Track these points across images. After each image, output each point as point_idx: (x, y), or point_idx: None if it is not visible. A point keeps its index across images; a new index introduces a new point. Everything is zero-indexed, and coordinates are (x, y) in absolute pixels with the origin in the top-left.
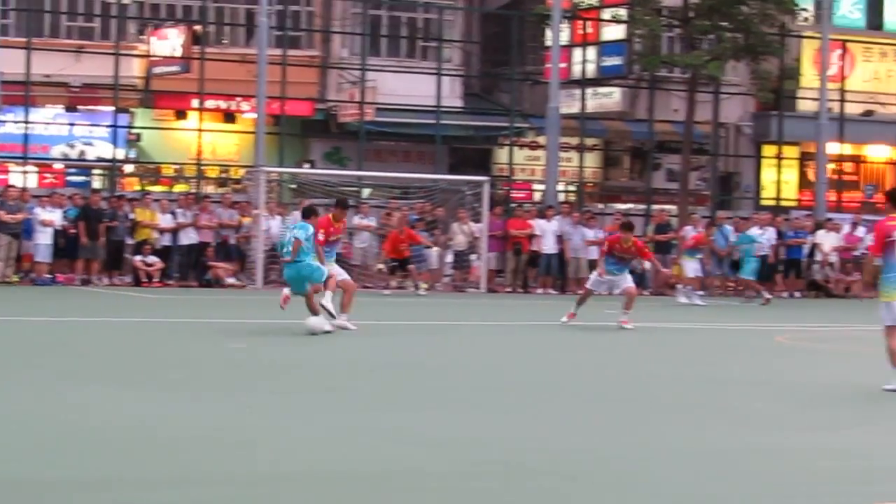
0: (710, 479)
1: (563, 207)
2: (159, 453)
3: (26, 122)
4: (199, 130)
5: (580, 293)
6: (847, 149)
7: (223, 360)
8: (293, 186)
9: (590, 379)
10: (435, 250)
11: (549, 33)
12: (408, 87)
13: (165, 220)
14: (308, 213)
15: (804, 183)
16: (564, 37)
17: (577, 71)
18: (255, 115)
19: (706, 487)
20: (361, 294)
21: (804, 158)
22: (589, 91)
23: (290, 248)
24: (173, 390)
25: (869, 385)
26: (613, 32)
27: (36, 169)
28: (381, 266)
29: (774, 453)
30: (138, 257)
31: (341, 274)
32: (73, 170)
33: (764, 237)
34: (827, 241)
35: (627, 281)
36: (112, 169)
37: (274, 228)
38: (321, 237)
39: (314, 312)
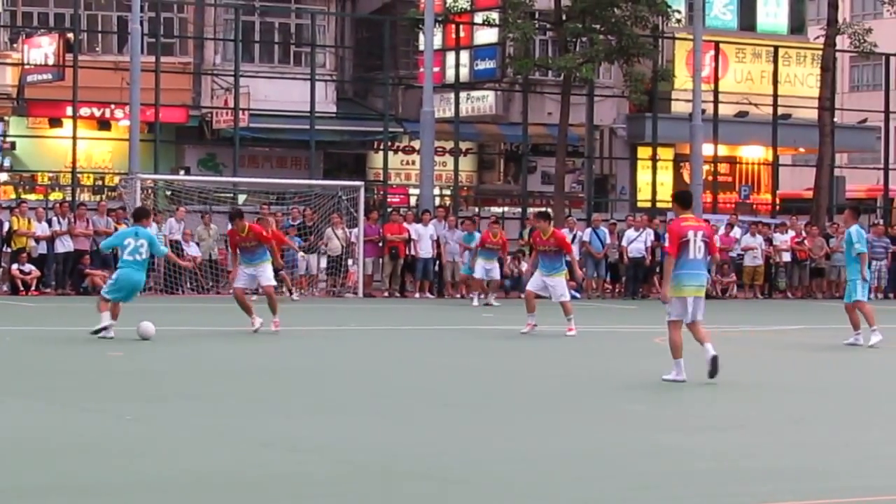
0: (591, 480)
1: (438, 211)
2: (36, 462)
3: None
4: (74, 138)
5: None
6: (721, 150)
7: (101, 368)
8: (168, 193)
9: (465, 383)
10: (301, 255)
11: (421, 37)
12: (281, 93)
13: (41, 229)
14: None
15: (679, 184)
16: (437, 41)
17: (450, 75)
18: (129, 123)
19: (587, 488)
20: (228, 301)
21: (679, 160)
22: (463, 95)
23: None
24: (50, 398)
25: (745, 385)
26: (486, 36)
27: None
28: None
29: (652, 454)
30: (15, 266)
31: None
32: None
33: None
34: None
35: (563, 290)
36: None
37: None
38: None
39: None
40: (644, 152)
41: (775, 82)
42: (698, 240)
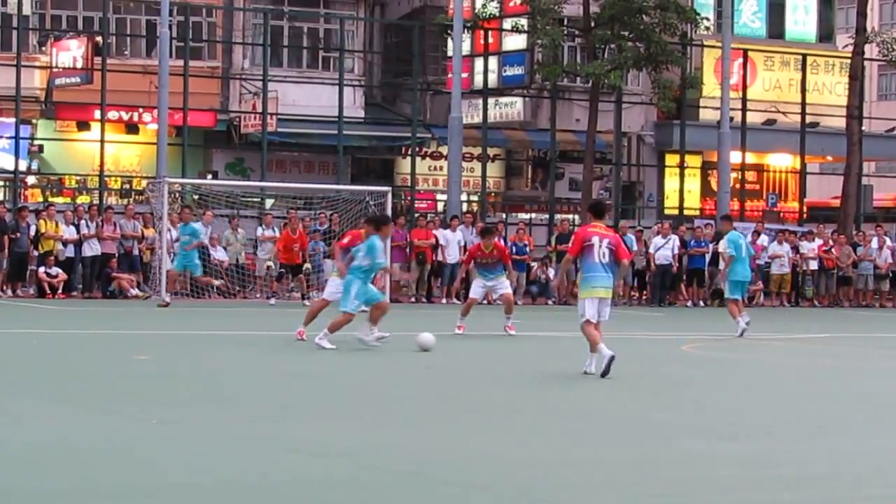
0: (614, 487)
1: (465, 217)
2: (62, 465)
3: None
4: (102, 142)
5: (464, 304)
6: (749, 157)
7: (128, 372)
8: (196, 197)
9: (491, 389)
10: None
11: (450, 43)
12: (310, 98)
13: (69, 232)
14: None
15: (707, 192)
16: (466, 47)
17: (478, 81)
18: (157, 126)
19: (610, 496)
20: (255, 305)
21: (706, 167)
22: (491, 101)
23: None
24: (77, 402)
25: (770, 392)
26: (515, 42)
27: None
28: (269, 264)
29: (676, 461)
30: (42, 269)
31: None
32: None
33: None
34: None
35: (505, 287)
36: (14, 180)
37: None
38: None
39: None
40: (672, 159)
41: (803, 90)
42: (603, 246)
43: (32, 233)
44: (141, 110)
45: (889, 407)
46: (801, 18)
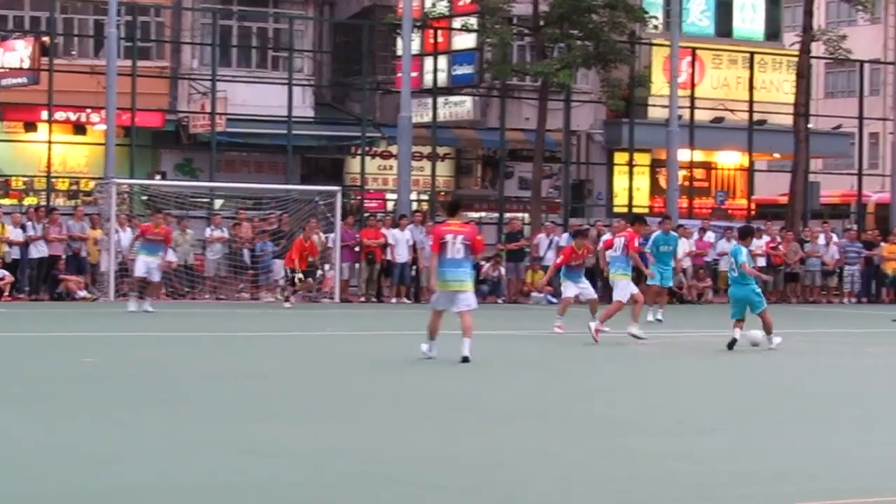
0: (566, 485)
1: (415, 216)
2: (8, 469)
3: None
4: (49, 142)
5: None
6: (698, 155)
7: (75, 375)
8: (144, 198)
9: (442, 388)
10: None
11: (399, 42)
12: (259, 98)
13: (15, 234)
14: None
15: (656, 189)
16: (415, 46)
17: (428, 80)
18: (105, 127)
19: (563, 493)
20: (218, 306)
21: (655, 165)
22: (440, 100)
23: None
24: (25, 405)
25: (719, 388)
26: (464, 41)
27: None
28: (299, 276)
29: (627, 458)
30: None
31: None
32: None
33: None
34: (679, 247)
35: (591, 290)
36: None
37: (124, 241)
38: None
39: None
40: (621, 158)
41: (751, 88)
42: (457, 242)
43: None
44: (89, 111)
45: (834, 402)
46: (749, 17)
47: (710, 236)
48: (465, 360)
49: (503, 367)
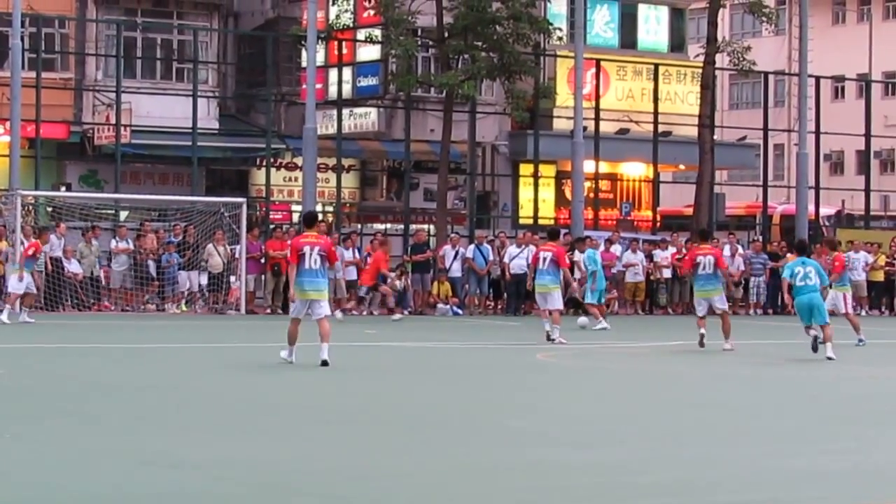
0: (473, 496)
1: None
2: None
3: None
4: None
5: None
6: (603, 167)
7: None
8: (50, 210)
9: (348, 400)
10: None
11: (304, 54)
12: (163, 109)
13: None
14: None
15: (561, 201)
16: (320, 58)
17: (333, 91)
18: (9, 139)
19: (464, 503)
20: (124, 318)
21: (561, 177)
22: (345, 112)
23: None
24: None
25: (623, 401)
26: (368, 53)
27: None
28: (390, 280)
29: (533, 469)
30: None
31: None
32: None
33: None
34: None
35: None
36: None
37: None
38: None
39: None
40: (526, 169)
41: (656, 100)
42: (314, 253)
43: None
44: None
45: (739, 413)
46: (653, 28)
47: (616, 248)
48: (325, 363)
49: (408, 377)
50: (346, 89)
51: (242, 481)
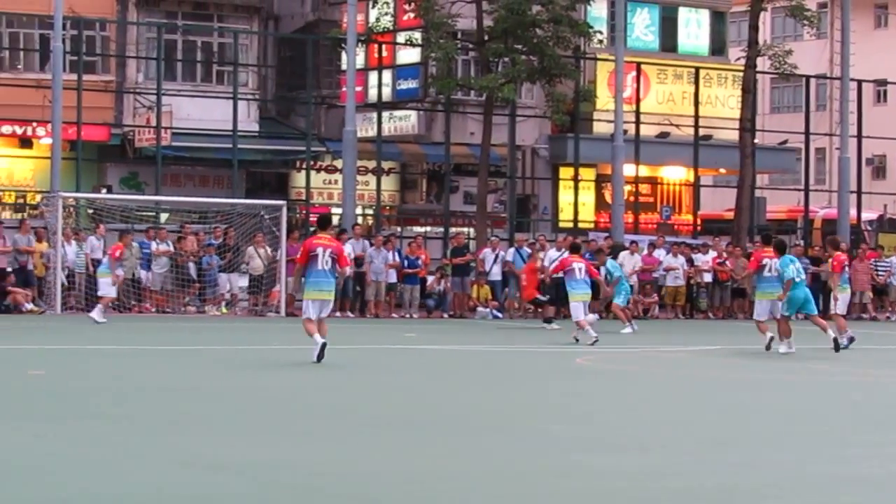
0: (511, 499)
1: (355, 229)
2: None
3: None
4: None
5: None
6: (643, 170)
7: (21, 387)
8: (90, 212)
9: (387, 402)
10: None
11: (344, 57)
12: (203, 112)
13: None
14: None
15: (601, 204)
16: (360, 60)
17: (372, 94)
18: (50, 141)
19: None
20: (164, 320)
21: (600, 180)
22: (385, 114)
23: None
24: None
25: (663, 405)
26: (408, 56)
27: None
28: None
29: (571, 474)
30: None
31: None
32: None
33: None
34: (627, 263)
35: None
36: None
37: (70, 254)
38: None
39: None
40: (566, 172)
41: (696, 103)
42: (326, 255)
43: None
44: (34, 125)
45: (782, 419)
46: (694, 32)
47: (659, 252)
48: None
49: (446, 381)
50: (386, 92)
51: (286, 484)
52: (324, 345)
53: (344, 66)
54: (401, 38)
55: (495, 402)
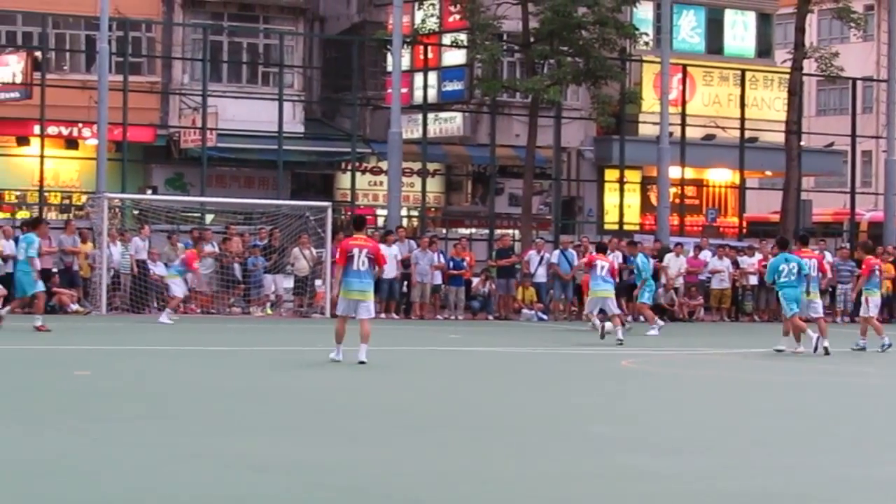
0: (562, 502)
1: (399, 231)
2: (1, 482)
3: None
4: (41, 157)
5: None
6: (688, 172)
7: (68, 388)
8: (136, 213)
9: (433, 405)
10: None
11: (389, 58)
12: (249, 113)
13: (8, 247)
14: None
15: (647, 207)
16: (405, 62)
17: (418, 96)
18: (96, 142)
19: None
20: (209, 321)
21: (646, 182)
22: (430, 116)
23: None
24: (18, 418)
25: (708, 407)
26: (454, 57)
27: None
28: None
29: (620, 477)
30: None
31: None
32: None
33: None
34: (673, 265)
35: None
36: None
37: (116, 255)
38: None
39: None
40: (611, 174)
41: (742, 105)
42: (362, 255)
43: None
44: (80, 125)
45: (826, 421)
46: (740, 34)
47: (705, 255)
48: (362, 363)
49: (491, 383)
50: (432, 94)
51: (332, 486)
52: (361, 362)
53: (389, 68)
54: (446, 39)
55: (539, 404)
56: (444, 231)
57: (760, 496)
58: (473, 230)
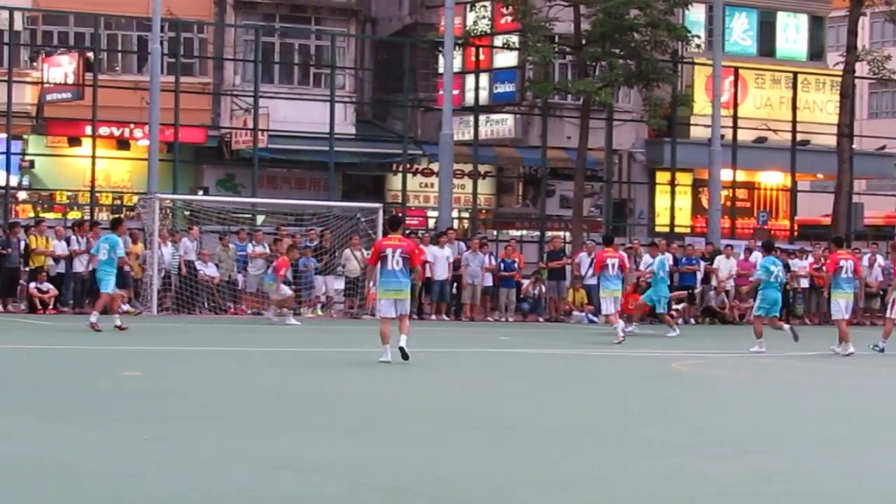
0: None
1: (449, 234)
2: (51, 481)
3: None
4: (93, 157)
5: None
6: (740, 175)
7: (117, 388)
8: (187, 214)
9: (479, 406)
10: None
11: (441, 60)
12: (300, 114)
13: (60, 248)
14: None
15: (698, 209)
16: (457, 64)
17: (469, 98)
18: (148, 142)
19: None
20: (260, 322)
21: (697, 185)
22: (482, 118)
23: None
24: (67, 418)
25: (760, 409)
26: (505, 59)
27: None
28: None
29: (669, 479)
30: (33, 284)
31: None
32: None
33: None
34: (723, 267)
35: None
36: (5, 196)
37: (167, 256)
38: None
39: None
40: (662, 177)
41: (794, 108)
42: (397, 255)
43: (23, 248)
44: (132, 126)
45: (880, 425)
46: (792, 37)
47: (755, 257)
48: (403, 350)
49: (541, 385)
50: (483, 96)
51: (379, 486)
52: (401, 349)
53: (441, 70)
54: (498, 41)
55: (588, 406)
56: (494, 233)
57: (815, 499)
58: (524, 232)
